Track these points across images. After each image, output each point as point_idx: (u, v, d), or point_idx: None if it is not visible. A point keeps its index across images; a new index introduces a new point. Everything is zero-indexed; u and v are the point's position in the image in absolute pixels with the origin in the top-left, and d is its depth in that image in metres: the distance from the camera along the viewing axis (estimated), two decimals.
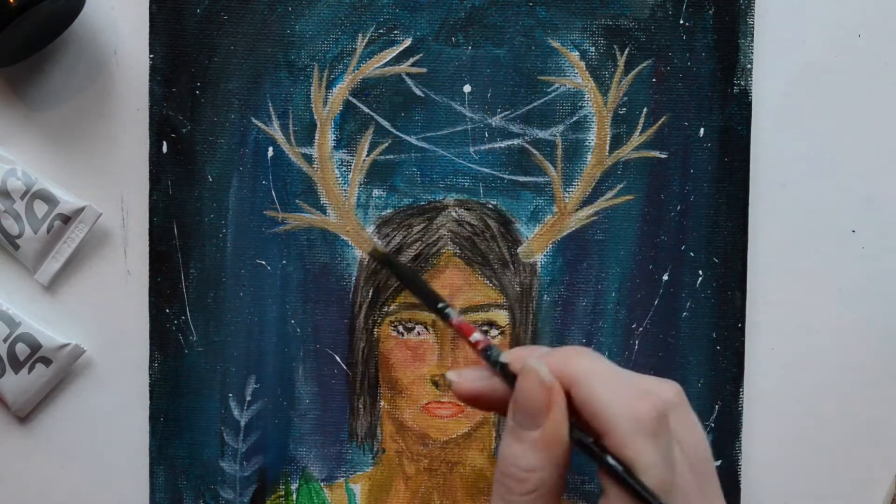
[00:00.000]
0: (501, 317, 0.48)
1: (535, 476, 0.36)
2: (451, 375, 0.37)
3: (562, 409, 0.36)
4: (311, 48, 0.47)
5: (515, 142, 0.48)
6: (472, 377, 0.37)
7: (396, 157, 0.48)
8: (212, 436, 0.48)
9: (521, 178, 0.48)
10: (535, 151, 0.48)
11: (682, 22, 0.47)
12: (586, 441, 0.35)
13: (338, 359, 0.48)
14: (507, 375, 0.36)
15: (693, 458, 0.37)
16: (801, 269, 0.48)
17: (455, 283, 0.48)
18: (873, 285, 0.48)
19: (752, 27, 0.47)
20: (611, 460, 0.34)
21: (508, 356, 0.37)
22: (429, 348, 0.48)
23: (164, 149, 0.47)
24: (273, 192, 0.48)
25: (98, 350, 0.48)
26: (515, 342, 0.48)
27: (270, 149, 0.47)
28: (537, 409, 0.36)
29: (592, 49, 0.47)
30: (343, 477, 0.48)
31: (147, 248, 0.47)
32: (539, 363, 0.36)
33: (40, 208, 0.47)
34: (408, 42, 0.47)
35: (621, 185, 0.48)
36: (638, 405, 0.35)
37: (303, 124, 0.47)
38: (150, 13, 0.47)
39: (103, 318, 0.48)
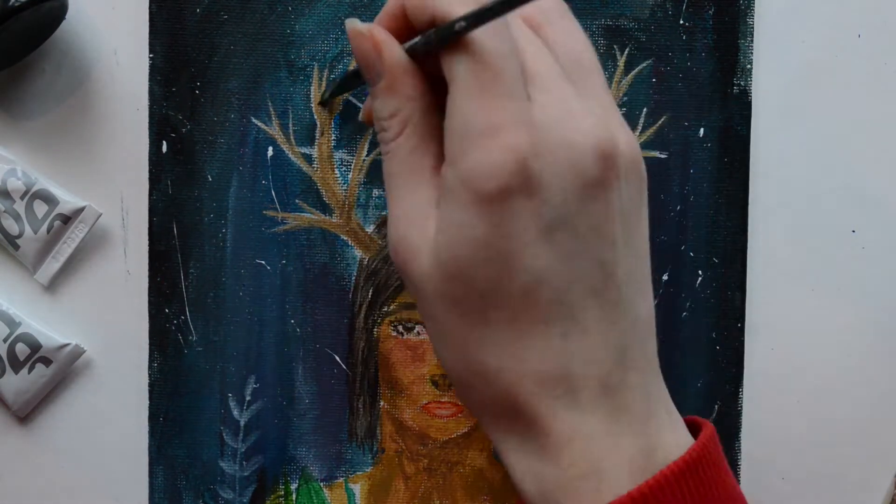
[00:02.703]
0: None
1: (399, 117, 0.36)
2: (360, 115, 0.44)
3: (390, 44, 0.36)
4: (311, 48, 0.47)
5: None
6: (367, 103, 0.44)
7: None
8: (211, 436, 0.48)
9: None
10: None
11: (682, 22, 0.47)
12: (411, 44, 0.35)
13: (337, 359, 0.48)
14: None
15: (564, 58, 0.36)
16: (801, 269, 0.48)
17: None
18: (873, 285, 0.48)
19: (752, 27, 0.47)
20: (431, 32, 0.34)
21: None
22: (429, 348, 0.48)
23: (164, 148, 0.47)
24: (273, 192, 0.48)
25: (98, 350, 0.48)
26: None
27: (270, 148, 0.48)
28: (371, 57, 0.36)
29: None
30: (343, 477, 0.48)
31: (147, 248, 0.48)
32: (355, 21, 0.37)
33: (40, 208, 0.47)
34: None
35: None
36: None
37: (303, 124, 0.47)
38: (150, 13, 0.47)
39: (103, 318, 0.48)
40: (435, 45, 0.34)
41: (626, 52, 0.47)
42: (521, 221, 0.33)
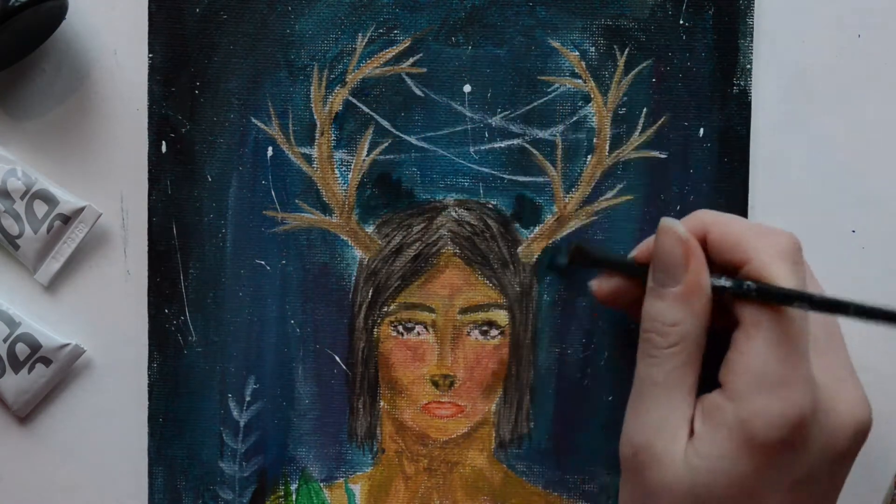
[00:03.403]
0: (501, 317, 0.48)
1: (679, 329, 0.37)
2: (592, 284, 0.42)
3: (700, 260, 0.38)
4: (310, 48, 0.47)
5: (515, 142, 0.48)
6: (607, 280, 0.42)
7: (396, 157, 0.48)
8: (211, 436, 0.48)
9: (521, 178, 0.48)
10: (535, 151, 0.48)
11: (682, 22, 0.47)
12: (723, 283, 0.37)
13: (337, 359, 0.48)
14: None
15: (821, 320, 0.38)
16: None
17: (455, 282, 0.48)
18: (873, 285, 0.48)
19: (752, 27, 0.47)
20: (751, 284, 0.36)
21: (635, 252, 0.41)
22: (428, 348, 0.48)
23: (164, 149, 0.47)
24: (273, 192, 0.48)
25: (98, 350, 0.48)
26: (515, 342, 0.48)
27: (270, 149, 0.48)
28: (676, 263, 0.38)
29: (592, 49, 0.47)
30: (343, 477, 0.48)
31: (147, 248, 0.47)
32: (674, 220, 0.39)
33: (40, 208, 0.47)
34: (408, 42, 0.47)
35: (621, 185, 0.48)
36: (776, 236, 0.37)
37: (303, 124, 0.47)
38: (150, 13, 0.47)
39: (103, 318, 0.48)
40: (745, 297, 0.36)
41: (626, 52, 0.47)
42: (781, 472, 0.36)
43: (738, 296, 0.37)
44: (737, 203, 0.48)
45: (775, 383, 0.35)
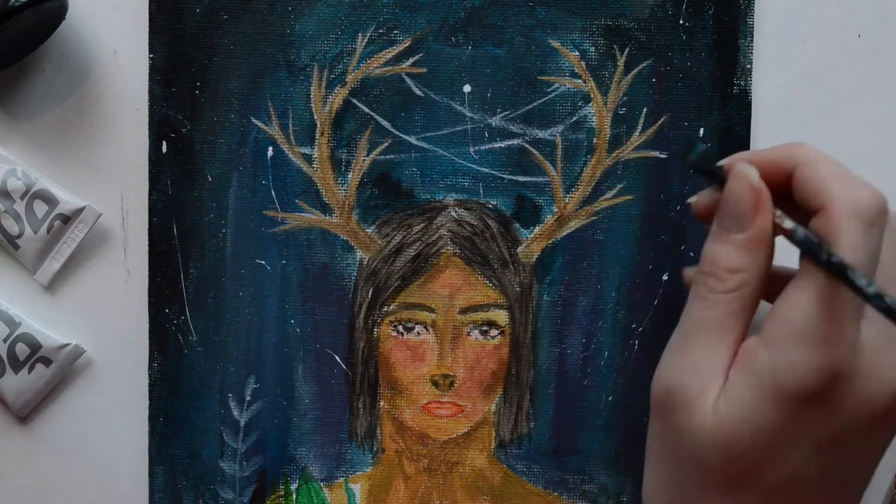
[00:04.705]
0: (501, 316, 0.48)
1: (738, 276, 0.36)
2: (691, 199, 0.41)
3: (769, 213, 0.36)
4: (311, 48, 0.47)
5: (515, 142, 0.48)
6: (705, 195, 0.40)
7: (396, 157, 0.48)
8: (211, 436, 0.48)
9: (521, 178, 0.48)
10: (535, 151, 0.48)
11: (682, 22, 0.47)
12: (793, 228, 0.35)
13: (337, 359, 0.48)
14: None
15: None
16: None
17: (455, 282, 0.48)
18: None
19: (752, 27, 0.47)
20: (813, 237, 0.34)
21: (725, 161, 0.38)
22: (429, 348, 0.48)
23: (164, 149, 0.47)
24: (273, 192, 0.48)
25: (98, 350, 0.48)
26: (515, 342, 0.48)
27: (270, 149, 0.48)
28: (745, 211, 0.37)
29: (592, 49, 0.47)
30: (343, 477, 0.48)
31: (147, 248, 0.47)
32: (749, 167, 0.37)
33: (40, 208, 0.47)
34: (408, 42, 0.47)
35: (621, 185, 0.48)
36: (861, 191, 0.36)
37: (303, 124, 0.47)
38: (150, 13, 0.47)
39: (103, 318, 0.48)
40: (813, 258, 0.35)
41: (626, 52, 0.47)
42: (808, 427, 0.35)
43: (802, 248, 0.35)
44: None
45: (816, 339, 0.34)
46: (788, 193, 0.37)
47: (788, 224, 0.36)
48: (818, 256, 0.34)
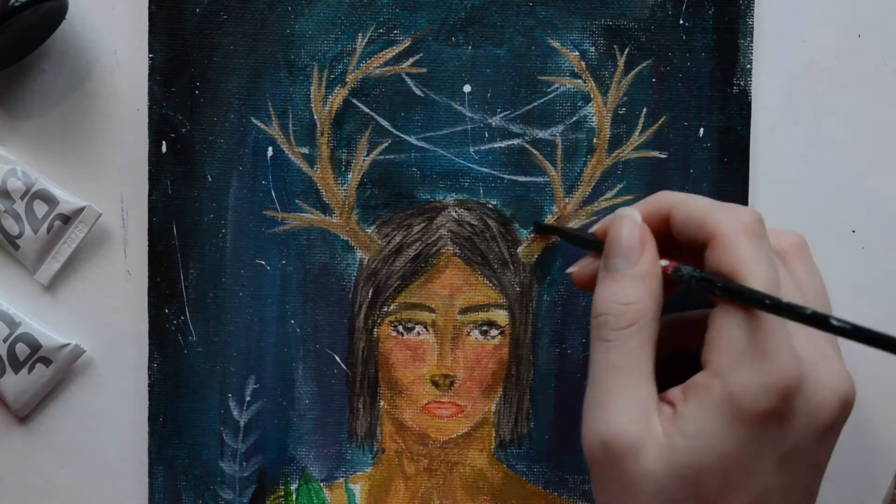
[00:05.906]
0: (501, 317, 0.48)
1: (636, 307, 0.37)
2: (571, 269, 0.42)
3: (654, 248, 0.38)
4: (310, 48, 0.47)
5: (515, 142, 0.48)
6: (584, 263, 0.42)
7: (396, 157, 0.48)
8: (211, 436, 0.48)
9: (521, 178, 0.48)
10: (535, 151, 0.48)
11: (682, 22, 0.47)
12: (683, 271, 0.37)
13: (337, 359, 0.48)
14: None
15: (806, 288, 0.39)
16: None
17: (455, 282, 0.48)
18: (873, 285, 0.48)
19: (752, 27, 0.47)
20: (711, 275, 0.36)
21: (597, 227, 0.42)
22: (428, 348, 0.48)
23: (164, 149, 0.47)
24: (273, 192, 0.48)
25: (98, 350, 0.48)
26: (515, 342, 0.48)
27: (270, 149, 0.48)
28: (633, 245, 0.38)
29: (592, 49, 0.47)
30: (343, 477, 0.48)
31: (147, 248, 0.47)
32: (630, 209, 0.39)
33: (40, 208, 0.47)
34: (408, 42, 0.47)
35: (621, 185, 0.48)
36: (739, 212, 0.38)
37: (303, 124, 0.47)
38: (150, 13, 0.47)
39: (103, 318, 0.48)
40: (708, 291, 0.36)
41: (626, 52, 0.47)
42: (768, 446, 0.35)
43: (705, 288, 0.37)
44: (737, 203, 0.47)
45: (759, 356, 0.35)
46: (665, 242, 0.39)
47: (695, 272, 0.37)
48: (724, 292, 0.36)
